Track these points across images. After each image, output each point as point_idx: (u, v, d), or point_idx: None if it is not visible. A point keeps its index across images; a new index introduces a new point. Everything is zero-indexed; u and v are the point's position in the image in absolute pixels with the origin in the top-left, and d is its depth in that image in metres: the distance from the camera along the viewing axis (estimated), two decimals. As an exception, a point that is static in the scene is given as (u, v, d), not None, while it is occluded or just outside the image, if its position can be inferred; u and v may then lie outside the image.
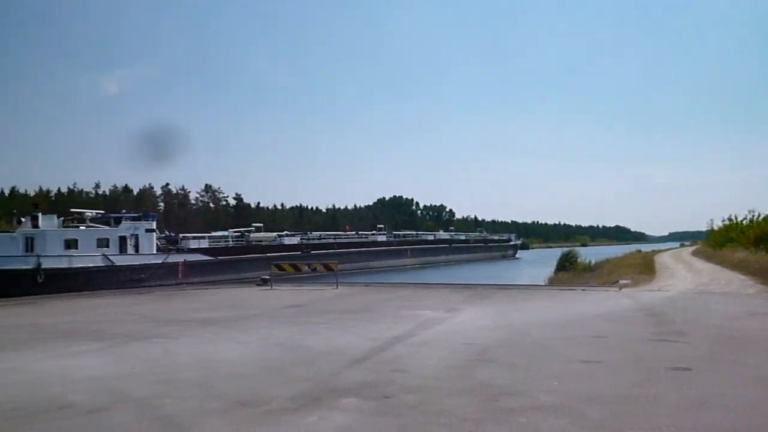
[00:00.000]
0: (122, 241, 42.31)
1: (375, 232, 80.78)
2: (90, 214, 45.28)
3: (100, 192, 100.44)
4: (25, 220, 39.68)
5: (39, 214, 39.63)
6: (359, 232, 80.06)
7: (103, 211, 49.07)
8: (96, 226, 43.56)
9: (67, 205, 64.49)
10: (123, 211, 50.01)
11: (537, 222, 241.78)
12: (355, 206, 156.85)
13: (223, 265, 48.54)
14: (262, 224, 67.83)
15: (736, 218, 54.84)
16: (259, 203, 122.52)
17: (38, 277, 35.79)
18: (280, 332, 12.90)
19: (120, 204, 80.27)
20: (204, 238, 52.11)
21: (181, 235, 51.61)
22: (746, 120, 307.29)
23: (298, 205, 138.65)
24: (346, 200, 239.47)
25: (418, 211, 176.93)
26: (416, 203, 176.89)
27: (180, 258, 46.01)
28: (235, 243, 55.29)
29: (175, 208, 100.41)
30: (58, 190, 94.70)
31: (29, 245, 37.63)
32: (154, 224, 46.10)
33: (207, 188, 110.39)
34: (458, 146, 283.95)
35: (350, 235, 74.68)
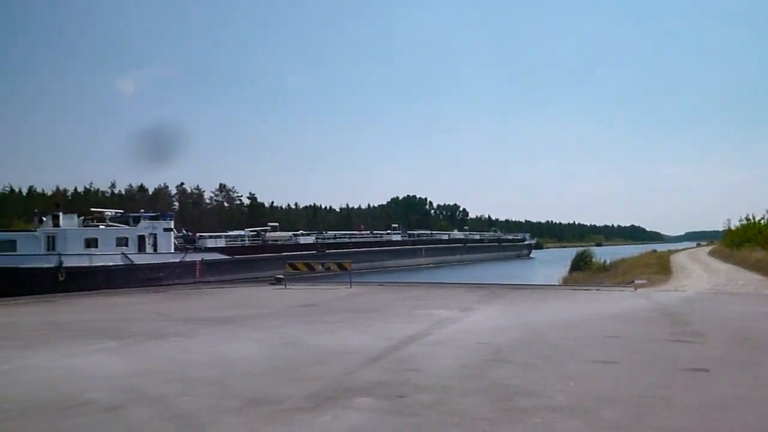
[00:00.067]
0: (141, 240, 42.87)
1: (389, 231, 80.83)
2: (110, 214, 46.04)
3: (116, 191, 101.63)
4: (47, 219, 40.30)
5: (60, 214, 40.31)
6: (374, 232, 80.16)
7: (123, 211, 49.69)
8: (115, 226, 44.13)
9: (84, 205, 65.30)
10: (141, 211, 50.62)
11: (551, 221, 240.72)
12: (369, 205, 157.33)
13: (240, 264, 48.90)
14: (278, 224, 68.23)
15: (753, 218, 54.29)
16: (272, 202, 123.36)
17: (59, 276, 36.39)
18: (294, 331, 12.95)
19: (136, 203, 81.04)
20: (221, 238, 52.65)
21: (198, 235, 52.13)
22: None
23: (312, 205, 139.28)
24: (360, 199, 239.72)
25: (432, 211, 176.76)
26: (430, 202, 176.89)
27: (197, 257, 46.46)
28: (251, 242, 55.68)
29: (189, 208, 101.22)
30: (75, 190, 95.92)
31: (51, 244, 38.22)
32: (172, 223, 46.64)
33: (221, 188, 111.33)
34: (472, 146, 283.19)
35: (365, 235, 74.81)
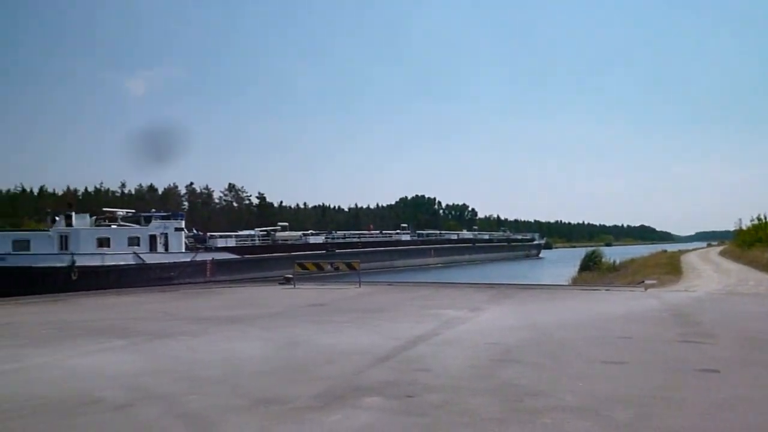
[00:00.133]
0: (152, 239, 43.22)
1: (399, 231, 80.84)
2: (121, 214, 46.46)
3: (126, 191, 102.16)
4: (59, 219, 40.68)
5: (73, 214, 40.67)
6: (383, 232, 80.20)
7: (134, 211, 50.02)
8: (127, 225, 44.53)
9: (94, 205, 65.71)
10: (153, 211, 50.95)
11: (560, 221, 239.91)
12: (378, 205, 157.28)
13: (250, 263, 49.09)
14: (287, 223, 68.41)
15: (765, 218, 53.85)
16: (281, 202, 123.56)
17: (72, 274, 36.75)
18: (302, 331, 12.96)
19: (145, 203, 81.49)
20: (231, 237, 52.85)
21: (209, 234, 52.38)
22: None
23: (321, 204, 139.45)
24: (368, 199, 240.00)
25: (441, 211, 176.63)
26: (438, 202, 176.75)
27: (208, 256, 46.72)
28: (261, 242, 55.86)
29: (199, 207, 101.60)
30: (85, 190, 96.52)
31: (64, 243, 38.60)
32: (183, 223, 47.00)
33: (230, 187, 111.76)
34: (480, 146, 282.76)
35: (374, 235, 74.86)
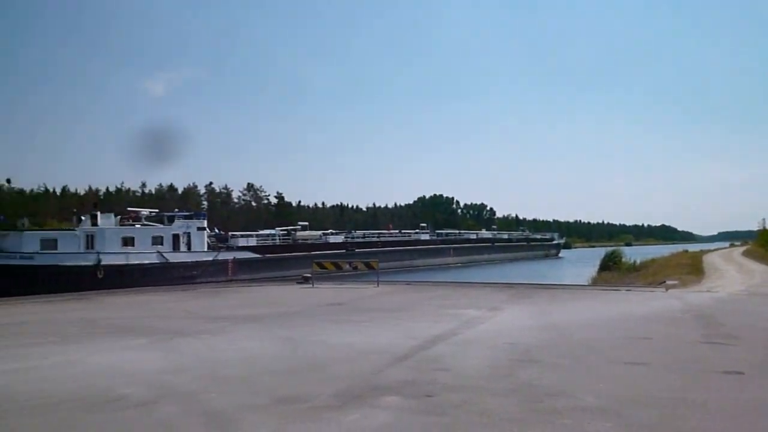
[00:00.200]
0: (175, 239, 43.84)
1: (418, 230, 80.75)
2: (145, 213, 47.14)
3: (146, 191, 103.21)
4: (85, 218, 41.38)
5: (98, 213, 41.35)
6: (402, 231, 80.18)
7: (158, 210, 50.69)
8: (151, 225, 45.13)
9: (116, 204, 66.58)
10: (176, 210, 51.58)
11: (579, 221, 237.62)
12: (396, 204, 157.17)
13: (270, 262, 49.43)
14: (307, 223, 68.75)
15: (790, 217, 52.95)
16: (299, 202, 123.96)
17: (98, 273, 37.39)
18: (321, 330, 13.01)
19: (165, 203, 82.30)
20: (252, 237, 53.28)
21: (230, 234, 52.89)
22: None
23: (339, 204, 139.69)
24: (386, 199, 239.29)
25: (459, 210, 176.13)
26: (456, 202, 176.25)
27: (229, 256, 47.19)
28: (282, 241, 56.22)
29: (218, 207, 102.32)
30: (107, 189, 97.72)
31: (90, 242, 39.28)
32: (205, 223, 47.64)
33: (249, 187, 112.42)
34: (500, 145, 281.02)
35: (393, 234, 74.87)
